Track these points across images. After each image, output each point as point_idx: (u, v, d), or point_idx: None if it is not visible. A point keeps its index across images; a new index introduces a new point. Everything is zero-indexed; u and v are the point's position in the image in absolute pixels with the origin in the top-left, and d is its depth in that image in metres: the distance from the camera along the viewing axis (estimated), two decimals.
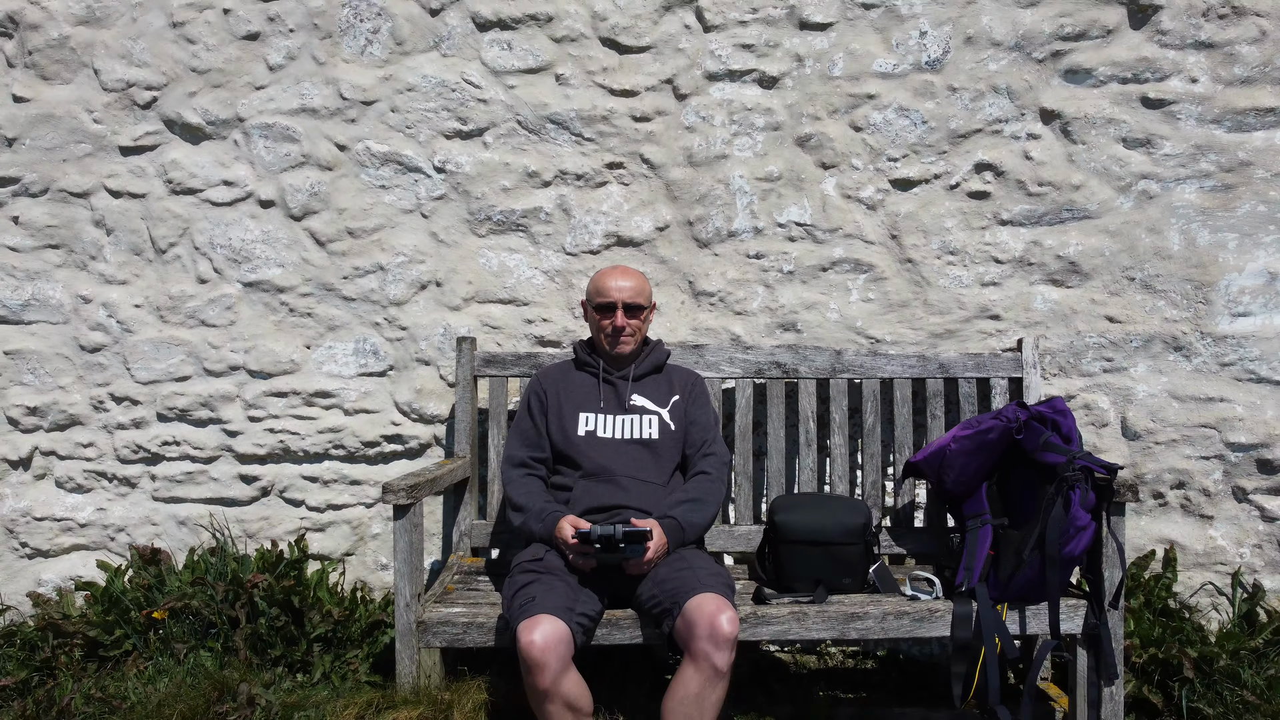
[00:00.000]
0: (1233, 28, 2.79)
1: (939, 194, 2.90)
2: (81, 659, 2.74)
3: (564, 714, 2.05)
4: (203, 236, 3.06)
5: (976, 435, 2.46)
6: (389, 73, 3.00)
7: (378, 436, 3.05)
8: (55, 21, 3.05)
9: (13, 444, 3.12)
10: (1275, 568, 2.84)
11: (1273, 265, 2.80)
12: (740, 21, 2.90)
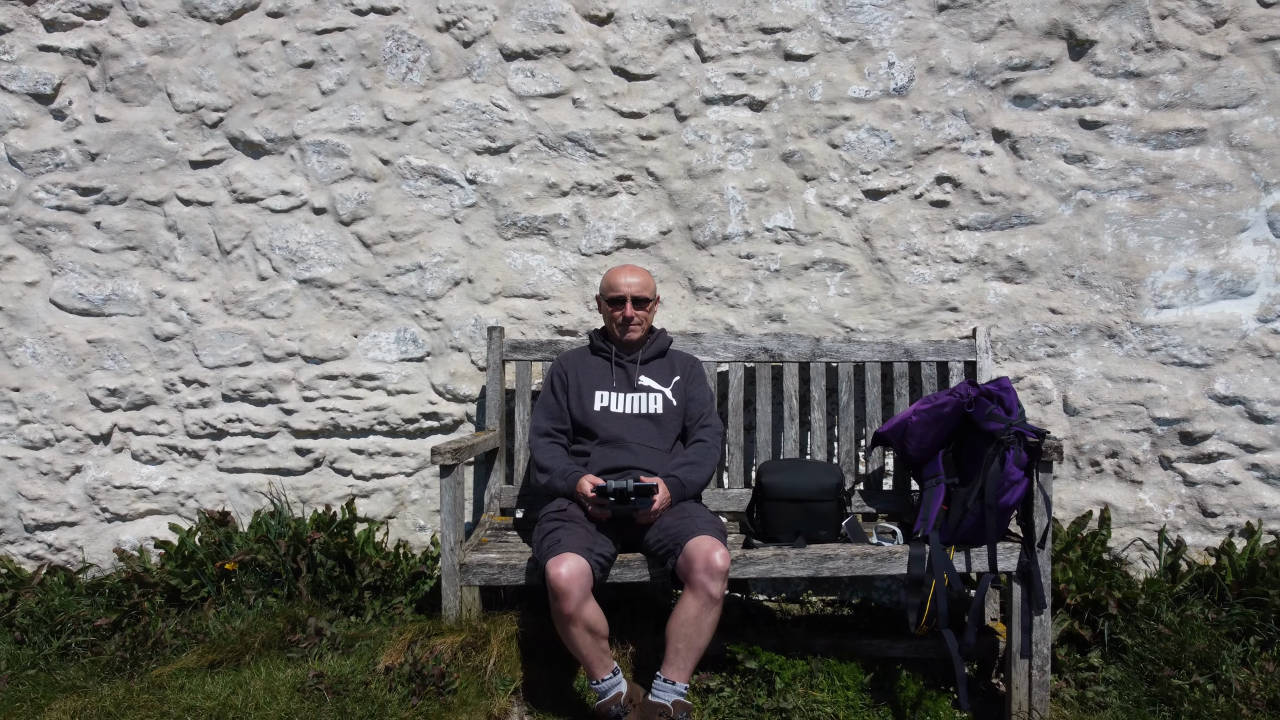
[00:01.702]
0: (1157, 60, 3.21)
1: (905, 203, 3.32)
2: (163, 604, 3.16)
3: (585, 636, 2.47)
4: (263, 239, 3.48)
5: (934, 409, 2.87)
6: (427, 97, 3.42)
7: (416, 414, 3.47)
8: (134, 51, 3.47)
9: (95, 421, 3.54)
10: (1195, 526, 3.26)
11: (1192, 264, 3.23)
12: (733, 53, 3.33)
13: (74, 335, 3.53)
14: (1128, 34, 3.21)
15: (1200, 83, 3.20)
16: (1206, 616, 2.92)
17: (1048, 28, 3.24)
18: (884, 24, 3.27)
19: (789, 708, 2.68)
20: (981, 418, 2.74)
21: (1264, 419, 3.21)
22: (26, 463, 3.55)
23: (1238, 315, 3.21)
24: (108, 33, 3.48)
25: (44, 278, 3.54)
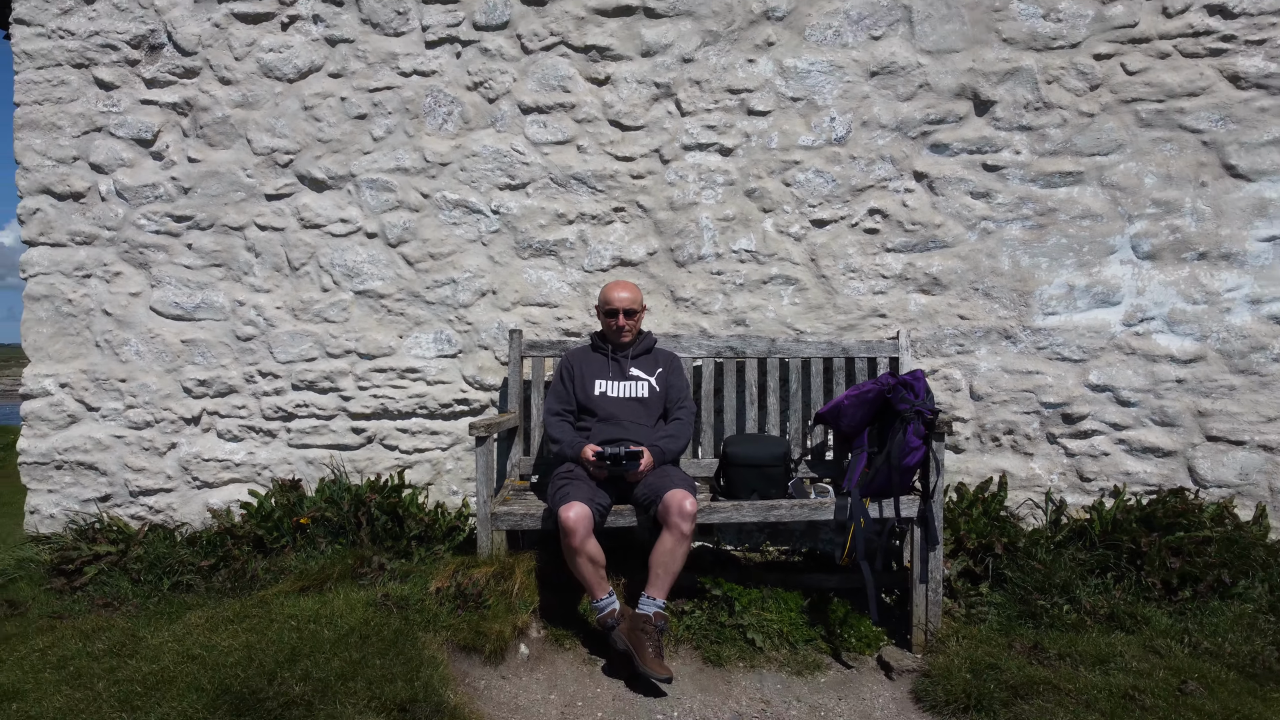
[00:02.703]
0: (1044, 116, 4.00)
1: (844, 230, 4.11)
2: (251, 550, 3.94)
3: (588, 565, 3.25)
4: (325, 258, 4.27)
5: (861, 395, 3.66)
6: (459, 143, 4.20)
7: (450, 400, 4.25)
8: (219, 105, 4.25)
9: (187, 406, 4.33)
10: (1074, 489, 4.06)
11: (1071, 280, 4.01)
12: (706, 109, 4.11)
13: (170, 336, 4.32)
14: (1021, 95, 4.00)
15: (1078, 135, 3.99)
16: (1076, 557, 3.71)
17: (958, 90, 4.02)
18: (827, 87, 4.06)
19: (745, 624, 3.47)
20: (896, 401, 3.52)
21: (1128, 403, 4.00)
22: (131, 440, 4.33)
23: (1108, 321, 4.01)
24: (198, 89, 4.26)
25: (145, 289, 4.32)
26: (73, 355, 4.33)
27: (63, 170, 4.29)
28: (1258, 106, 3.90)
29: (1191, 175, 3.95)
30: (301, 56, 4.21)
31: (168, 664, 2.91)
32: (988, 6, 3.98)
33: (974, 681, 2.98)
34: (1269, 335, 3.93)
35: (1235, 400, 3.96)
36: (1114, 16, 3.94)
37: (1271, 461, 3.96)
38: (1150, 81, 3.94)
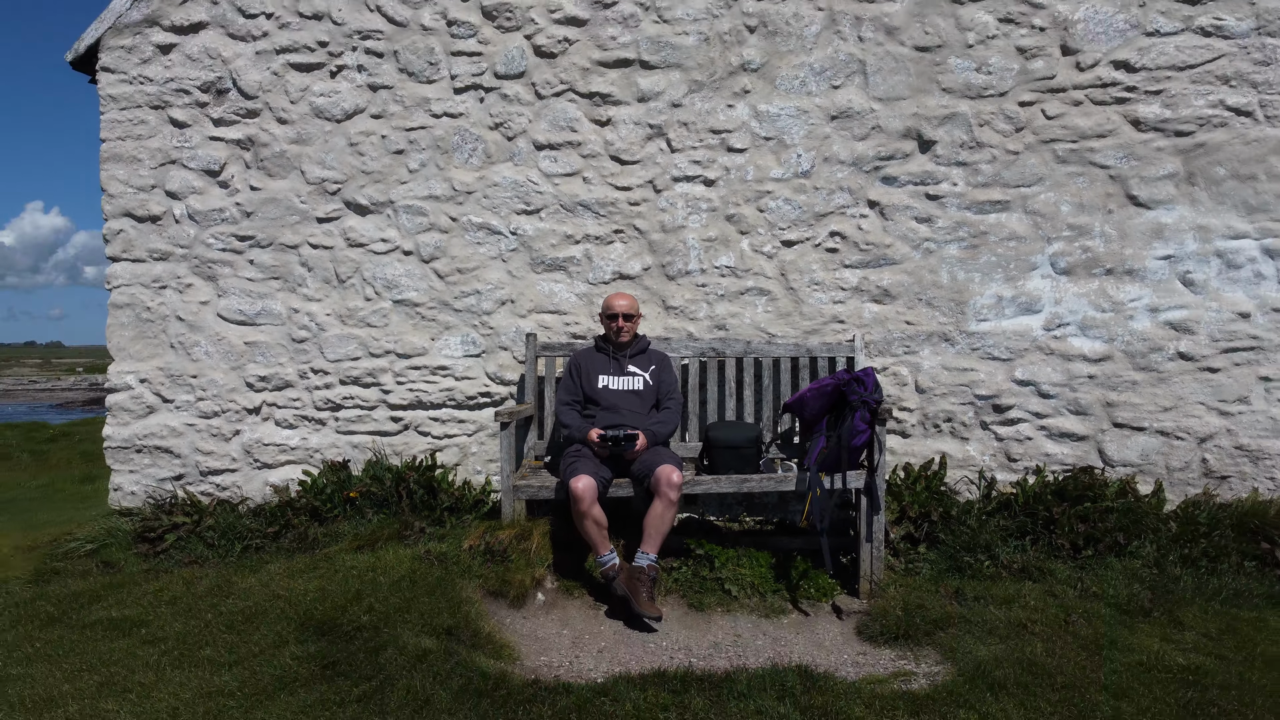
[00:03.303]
0: (977, 154, 4.71)
1: (809, 249, 4.82)
2: (308, 519, 4.64)
3: (593, 527, 3.95)
4: (368, 272, 4.98)
5: (821, 388, 4.36)
6: (482, 175, 4.91)
7: (475, 393, 4.96)
8: (277, 141, 4.96)
9: (250, 399, 5.03)
10: (1003, 468, 4.77)
11: (1000, 292, 4.73)
12: (693, 147, 4.82)
13: (234, 339, 5.03)
14: (957, 136, 4.71)
15: (1006, 169, 4.70)
16: (1000, 524, 4.42)
17: (905, 132, 4.74)
18: (795, 128, 4.78)
19: (723, 577, 4.18)
20: (849, 393, 4.23)
21: (1048, 395, 4.72)
22: (201, 428, 5.04)
23: (1030, 326, 4.72)
24: (259, 128, 4.97)
25: (213, 299, 5.03)
26: (151, 355, 5.04)
27: (142, 197, 4.99)
28: (1155, 146, 4.61)
29: (1100, 204, 4.66)
30: (348, 100, 4.92)
31: (259, 600, 3.62)
32: (929, 61, 4.70)
33: (904, 618, 3.69)
34: (1165, 339, 4.65)
35: (1137, 393, 4.68)
36: (1035, 70, 4.65)
37: (1167, 444, 4.67)
38: (1066, 125, 4.66)
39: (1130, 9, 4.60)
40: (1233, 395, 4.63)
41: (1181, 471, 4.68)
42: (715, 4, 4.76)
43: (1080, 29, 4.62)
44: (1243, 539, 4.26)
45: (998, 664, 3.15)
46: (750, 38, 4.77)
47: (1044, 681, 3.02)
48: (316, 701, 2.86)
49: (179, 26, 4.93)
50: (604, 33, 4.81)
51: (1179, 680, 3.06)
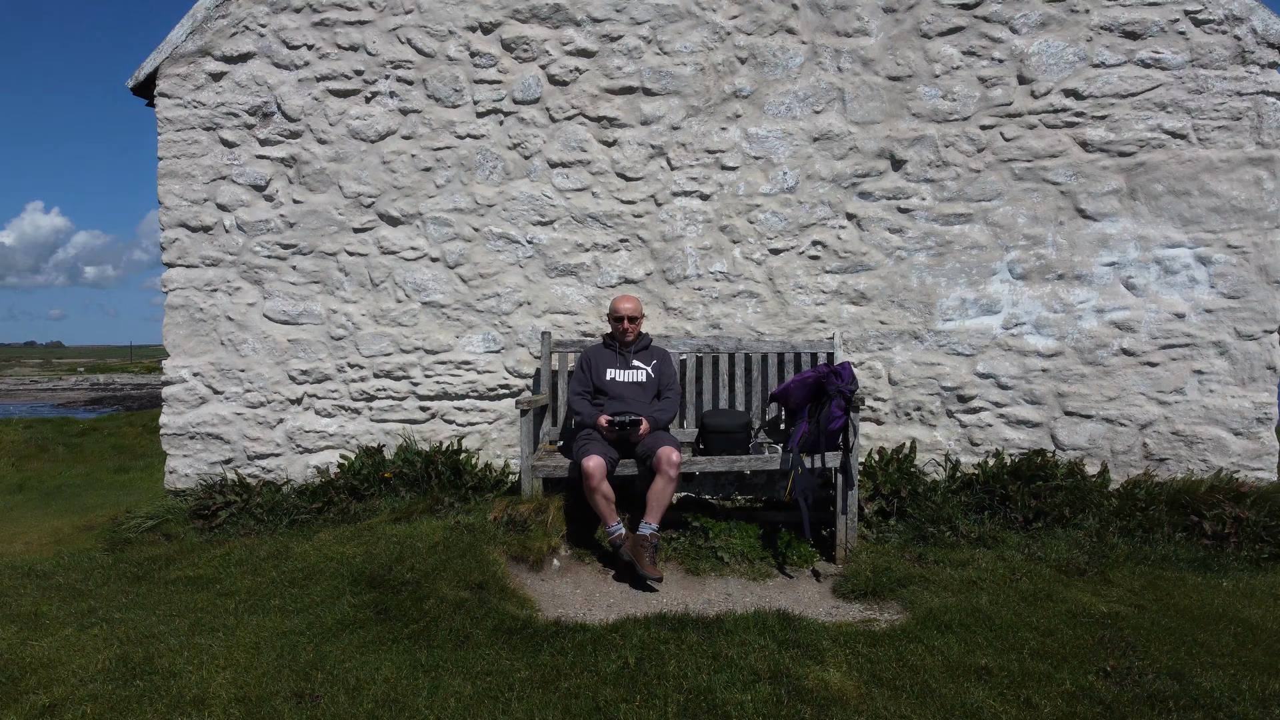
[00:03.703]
0: (943, 172, 5.26)
1: (794, 257, 5.37)
2: (347, 497, 5.19)
3: (603, 500, 4.50)
4: (399, 277, 5.53)
5: (803, 380, 4.91)
6: (502, 190, 5.46)
7: (495, 385, 5.51)
8: (317, 160, 5.51)
9: (292, 390, 5.58)
10: (967, 451, 5.32)
11: (964, 295, 5.28)
12: (690, 165, 5.38)
13: (279, 336, 5.58)
14: (926, 156, 5.27)
15: (969, 186, 5.26)
16: (962, 500, 4.97)
17: (879, 152, 5.29)
18: (781, 149, 5.33)
19: (716, 546, 4.72)
20: (828, 384, 4.78)
21: (1006, 386, 5.27)
22: (249, 417, 5.59)
23: (991, 325, 5.28)
24: (300, 148, 5.52)
25: (259, 300, 5.58)
26: (203, 351, 5.59)
27: (195, 209, 5.54)
28: (1101, 165, 5.17)
29: (1052, 216, 5.22)
30: (381, 123, 5.48)
31: (314, 562, 4.18)
32: (901, 89, 5.26)
33: (873, 579, 4.24)
34: (1110, 336, 5.21)
35: (1085, 385, 5.24)
36: (994, 97, 5.21)
37: (1112, 431, 5.23)
38: (1022, 146, 5.21)
39: (1079, 43, 5.15)
40: (1170, 387, 5.19)
41: (1125, 454, 5.23)
42: (710, 38, 5.32)
43: (1034, 61, 5.18)
44: (1175, 513, 4.81)
45: (947, 611, 3.71)
46: (741, 68, 5.33)
47: (984, 624, 3.57)
48: (374, 638, 3.42)
49: (229, 56, 5.48)
50: (611, 63, 5.36)
51: (1099, 623, 3.61)
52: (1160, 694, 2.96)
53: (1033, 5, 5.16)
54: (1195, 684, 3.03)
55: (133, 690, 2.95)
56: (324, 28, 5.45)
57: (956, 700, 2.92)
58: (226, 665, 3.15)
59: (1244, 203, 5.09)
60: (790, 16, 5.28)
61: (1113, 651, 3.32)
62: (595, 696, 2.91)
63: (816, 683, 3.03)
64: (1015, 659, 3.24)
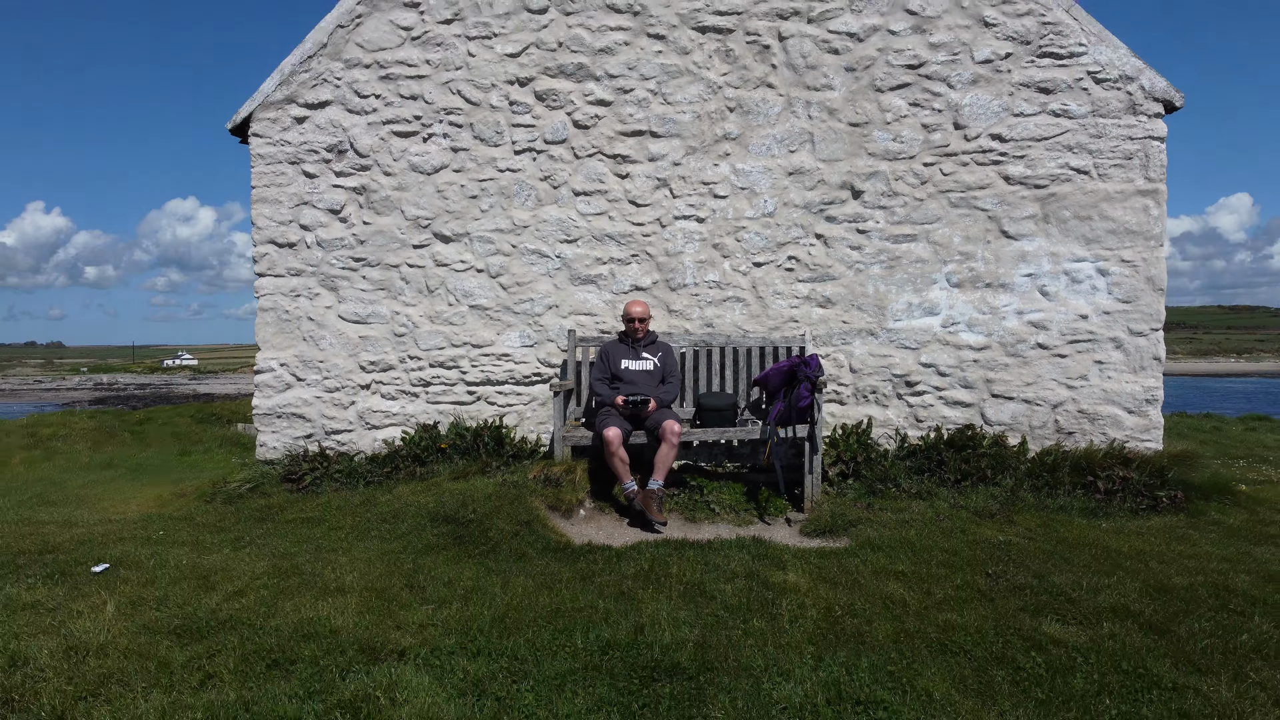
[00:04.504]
0: (894, 200, 6.41)
1: (773, 269, 6.53)
2: (411, 464, 6.34)
3: (620, 463, 5.65)
4: (450, 285, 6.68)
5: (779, 368, 6.06)
6: (535, 214, 6.62)
7: (529, 374, 6.67)
8: (383, 189, 6.67)
9: (362, 378, 6.73)
10: (913, 426, 6.48)
11: (910, 300, 6.43)
12: (688, 194, 6.53)
13: (351, 333, 6.73)
14: (879, 188, 6.42)
15: (914, 212, 6.41)
16: (906, 465, 6.12)
17: (841, 184, 6.45)
18: (762, 181, 6.49)
19: (709, 500, 5.87)
20: (798, 372, 5.93)
21: (944, 374, 6.43)
22: (326, 399, 6.74)
23: (932, 324, 6.43)
24: (369, 179, 6.68)
25: (335, 304, 6.73)
26: (288, 345, 6.75)
27: (282, 229, 6.70)
28: (1020, 195, 6.32)
29: (981, 236, 6.37)
30: (435, 159, 6.63)
31: (397, 507, 5.33)
32: (859, 134, 6.41)
33: (830, 521, 5.39)
34: (1028, 333, 6.36)
35: (1008, 373, 6.39)
36: (935, 140, 6.37)
37: (1030, 409, 6.38)
38: (957, 179, 6.37)
39: (1002, 96, 6.31)
40: (1076, 374, 6.35)
41: (1040, 429, 6.39)
42: (705, 91, 6.48)
43: (967, 110, 6.33)
44: (1076, 474, 5.96)
45: (881, 540, 4.86)
46: (730, 115, 6.49)
47: (907, 547, 4.73)
48: (454, 555, 4.57)
49: (310, 104, 6.64)
50: (624, 111, 6.52)
51: (994, 547, 4.76)
52: (1022, 586, 4.11)
53: (966, 66, 6.32)
54: (1049, 581, 4.18)
55: (289, 583, 4.10)
56: (389, 81, 6.61)
57: (878, 590, 4.07)
58: (351, 570, 4.30)
59: (1135, 226, 6.25)
60: (770, 74, 6.44)
61: (997, 563, 4.48)
62: (620, 586, 4.07)
63: (779, 580, 4.18)
64: (924, 567, 4.40)
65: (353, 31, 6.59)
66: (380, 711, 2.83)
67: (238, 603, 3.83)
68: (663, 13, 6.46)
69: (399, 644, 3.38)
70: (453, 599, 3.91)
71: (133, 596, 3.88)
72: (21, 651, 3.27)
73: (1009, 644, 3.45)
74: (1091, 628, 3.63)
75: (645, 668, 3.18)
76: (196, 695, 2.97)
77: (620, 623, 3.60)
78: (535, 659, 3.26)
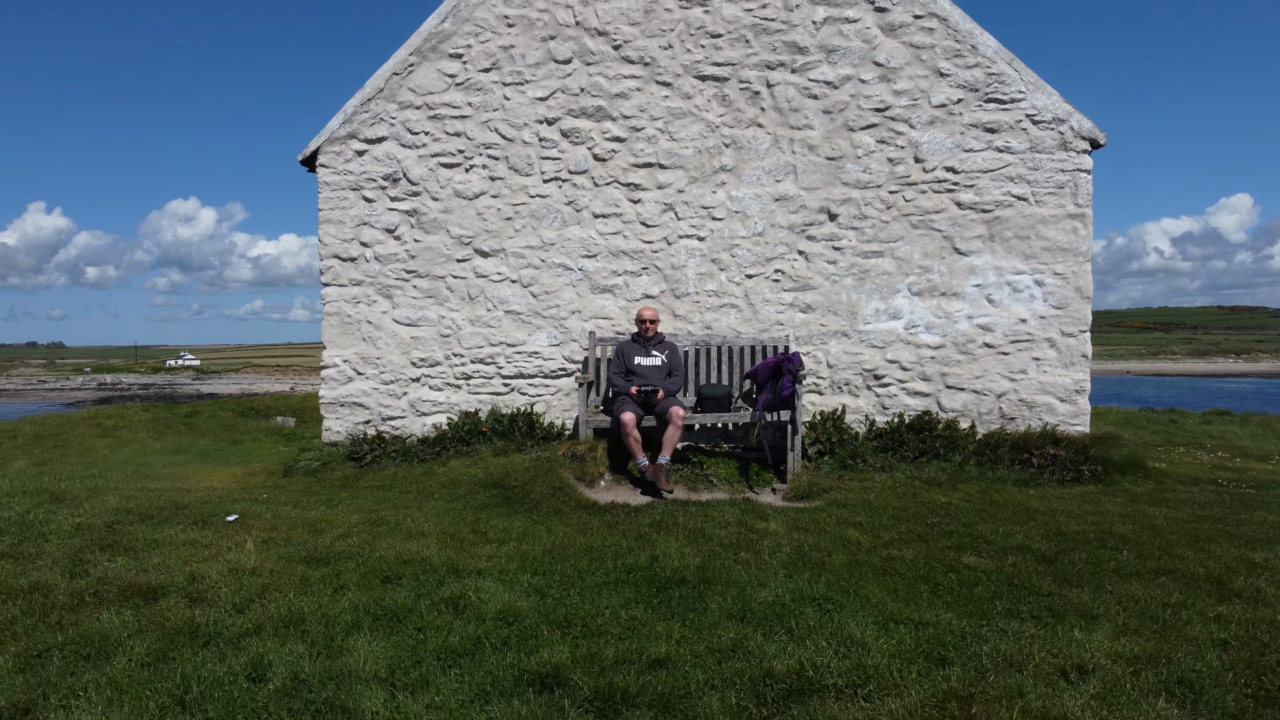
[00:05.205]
0: (864, 222, 7.51)
1: (763, 280, 7.63)
2: (456, 443, 7.44)
3: (634, 442, 6.75)
4: (489, 294, 7.78)
5: (767, 364, 7.16)
6: (560, 233, 7.72)
7: (555, 369, 7.77)
8: (431, 212, 7.77)
9: (413, 372, 7.83)
10: (880, 413, 7.58)
11: (878, 306, 7.53)
12: (690, 217, 7.63)
13: (404, 334, 7.83)
14: (852, 211, 7.52)
15: (881, 232, 7.51)
16: (874, 445, 7.22)
17: (820, 209, 7.55)
18: (753, 206, 7.59)
19: (708, 473, 6.97)
20: (783, 366, 7.03)
21: (907, 369, 7.53)
22: (382, 391, 7.84)
23: (896, 327, 7.53)
24: (419, 203, 7.78)
25: (390, 309, 7.83)
26: (349, 345, 7.85)
27: (345, 245, 7.80)
28: (970, 218, 7.42)
29: (938, 253, 7.47)
30: (476, 186, 7.73)
31: (452, 477, 6.44)
32: (835, 166, 7.51)
33: (807, 489, 6.48)
34: (976, 334, 7.46)
35: (960, 368, 7.49)
36: (898, 172, 7.47)
37: (978, 399, 7.48)
38: (917, 205, 7.47)
39: (955, 135, 7.41)
40: (1017, 368, 7.44)
41: (987, 415, 7.49)
42: (704, 130, 7.59)
43: (925, 147, 7.43)
44: (1014, 452, 7.06)
45: (846, 501, 5.96)
46: (726, 150, 7.59)
47: (866, 507, 5.83)
48: (505, 511, 5.67)
49: (369, 139, 7.74)
50: (636, 146, 7.62)
51: (937, 506, 5.86)
52: (952, 532, 5.21)
53: (924, 109, 7.42)
54: (975, 529, 5.28)
55: (380, 529, 5.20)
56: (437, 120, 7.72)
57: (839, 535, 5.17)
58: (426, 520, 5.40)
59: (1066, 244, 7.35)
60: (760, 115, 7.55)
61: (936, 517, 5.58)
62: (638, 531, 5.17)
63: (762, 527, 5.28)
64: (878, 520, 5.50)
65: (405, 78, 7.70)
66: (472, 605, 3.92)
67: (345, 542, 4.94)
68: (669, 64, 7.57)
69: (476, 567, 4.48)
70: (509, 540, 5.01)
71: (263, 538, 4.98)
72: (197, 571, 4.36)
73: (933, 569, 4.55)
74: (999, 559, 4.73)
75: (660, 581, 4.28)
76: (334, 598, 4.07)
77: (640, 554, 4.70)
78: (578, 576, 4.36)
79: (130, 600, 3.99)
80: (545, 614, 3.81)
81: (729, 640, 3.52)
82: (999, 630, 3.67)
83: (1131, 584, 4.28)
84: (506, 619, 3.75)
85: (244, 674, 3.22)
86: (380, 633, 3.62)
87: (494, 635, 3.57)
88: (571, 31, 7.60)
